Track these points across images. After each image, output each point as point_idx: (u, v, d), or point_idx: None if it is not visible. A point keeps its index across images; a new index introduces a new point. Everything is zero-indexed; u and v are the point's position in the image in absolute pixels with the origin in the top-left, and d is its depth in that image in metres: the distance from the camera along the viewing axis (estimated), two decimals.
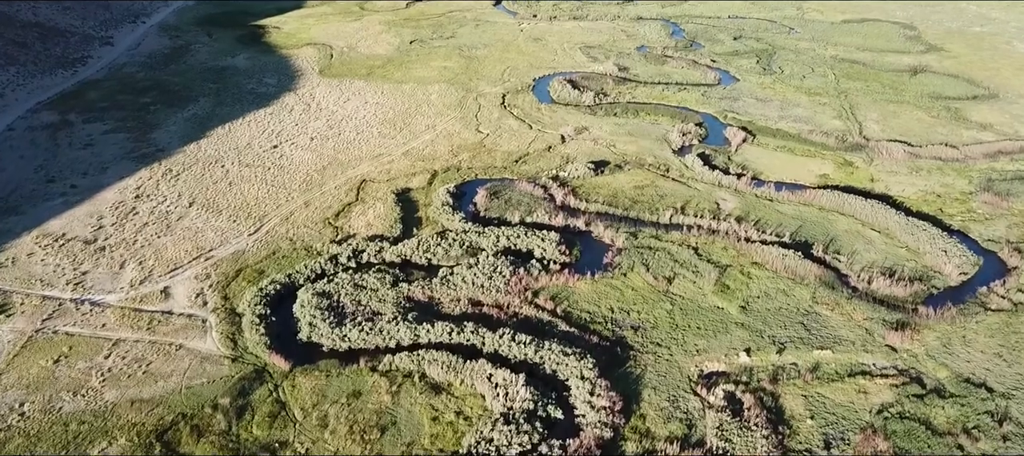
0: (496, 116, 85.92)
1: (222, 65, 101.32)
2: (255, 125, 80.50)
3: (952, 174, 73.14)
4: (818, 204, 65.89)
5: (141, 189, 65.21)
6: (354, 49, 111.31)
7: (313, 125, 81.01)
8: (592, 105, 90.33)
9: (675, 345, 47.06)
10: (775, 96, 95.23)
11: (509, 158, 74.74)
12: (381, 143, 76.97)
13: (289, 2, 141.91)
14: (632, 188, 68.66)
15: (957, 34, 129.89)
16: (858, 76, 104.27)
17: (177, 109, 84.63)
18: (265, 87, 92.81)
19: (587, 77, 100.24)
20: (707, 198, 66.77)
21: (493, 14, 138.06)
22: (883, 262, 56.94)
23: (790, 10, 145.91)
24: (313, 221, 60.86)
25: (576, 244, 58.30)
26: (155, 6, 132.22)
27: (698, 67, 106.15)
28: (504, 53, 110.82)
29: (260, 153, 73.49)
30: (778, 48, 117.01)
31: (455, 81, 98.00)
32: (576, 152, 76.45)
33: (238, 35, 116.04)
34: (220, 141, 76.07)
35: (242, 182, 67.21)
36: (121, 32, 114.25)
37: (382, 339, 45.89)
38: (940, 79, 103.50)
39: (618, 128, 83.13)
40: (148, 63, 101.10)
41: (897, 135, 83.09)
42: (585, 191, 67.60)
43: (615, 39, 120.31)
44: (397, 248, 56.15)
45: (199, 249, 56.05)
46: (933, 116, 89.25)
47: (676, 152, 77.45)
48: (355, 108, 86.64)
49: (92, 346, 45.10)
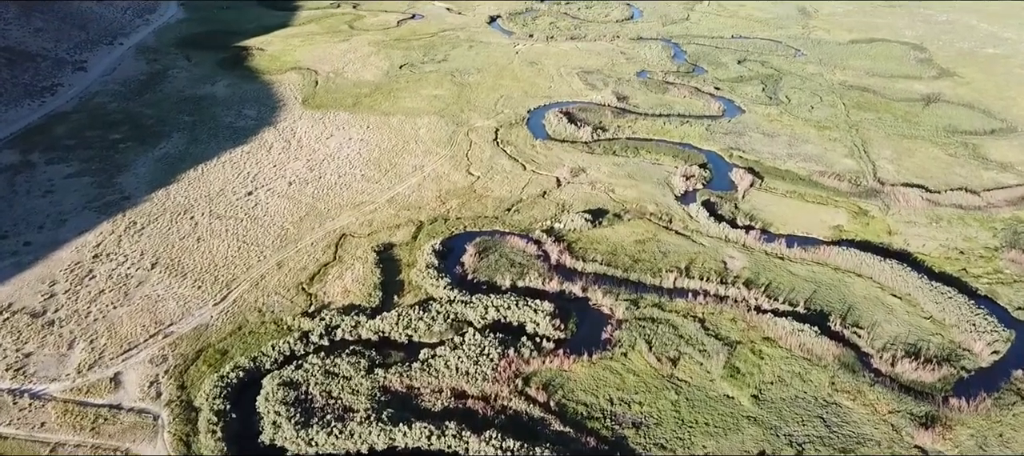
0: (488, 155, 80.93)
1: (200, 94, 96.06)
2: (230, 167, 75.40)
3: (974, 224, 68.41)
4: (833, 264, 61.07)
5: (101, 246, 60.11)
6: (340, 74, 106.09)
7: (292, 166, 75.94)
8: (590, 141, 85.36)
9: (681, 447, 42.21)
10: (783, 130, 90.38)
11: (501, 206, 69.79)
12: (364, 188, 71.95)
13: (275, 20, 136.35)
14: (632, 243, 63.81)
15: (969, 57, 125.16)
16: (869, 106, 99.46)
17: (148, 147, 79.44)
18: (244, 120, 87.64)
19: (585, 108, 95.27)
20: (713, 255, 61.93)
21: (487, 34, 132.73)
22: (907, 336, 52.19)
23: (795, 28, 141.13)
24: (286, 286, 55.86)
25: (572, 316, 53.41)
26: (135, 24, 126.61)
27: (701, 96, 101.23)
28: (498, 79, 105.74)
29: (233, 201, 68.42)
30: (784, 73, 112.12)
31: (446, 112, 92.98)
32: (572, 198, 71.55)
33: (219, 58, 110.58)
34: (191, 186, 70.98)
35: (211, 237, 62.17)
36: (96, 55, 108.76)
37: (353, 443, 40.96)
38: (955, 110, 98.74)
39: (617, 169, 78.22)
40: (122, 92, 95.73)
41: (913, 176, 78.37)
42: (582, 247, 62.72)
43: (614, 63, 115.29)
44: (375, 322, 51.14)
45: (158, 323, 51.02)
46: (950, 154, 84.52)
47: (679, 198, 72.58)
48: (338, 145, 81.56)
49: (27, 453, 40.13)
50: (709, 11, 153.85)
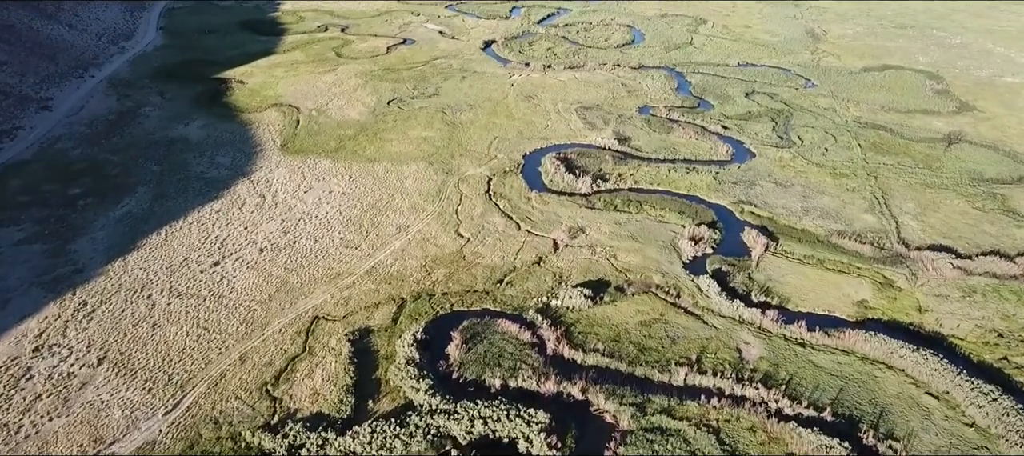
0: (479, 211, 74.69)
1: (172, 136, 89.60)
2: (197, 229, 69.07)
3: (1011, 299, 62.33)
4: (861, 352, 54.94)
5: (44, 336, 53.76)
6: (324, 112, 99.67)
7: (265, 229, 69.64)
8: (589, 193, 79.20)
9: None
10: (796, 177, 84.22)
11: (492, 276, 63.57)
12: (342, 256, 65.69)
13: (259, 46, 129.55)
14: (637, 325, 57.61)
15: (987, 87, 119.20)
16: (887, 148, 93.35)
17: (110, 204, 73.06)
18: (216, 169, 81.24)
19: (584, 153, 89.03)
20: (727, 342, 55.77)
21: (481, 62, 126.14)
22: (948, 450, 46.13)
23: (804, 53, 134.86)
24: (248, 388, 49.55)
25: (570, 428, 47.18)
26: (109, 53, 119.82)
27: (708, 136, 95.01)
28: (492, 118, 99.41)
29: (197, 274, 62.14)
30: (795, 108, 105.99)
31: (436, 157, 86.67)
32: (570, 266, 65.38)
33: (196, 93, 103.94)
34: (152, 255, 64.66)
35: (169, 322, 55.88)
36: (64, 91, 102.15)
37: None
38: (978, 152, 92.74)
39: (619, 228, 72.04)
40: (87, 135, 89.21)
41: (940, 236, 72.30)
42: (581, 331, 56.52)
43: (615, 96, 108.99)
44: (345, 440, 44.92)
45: (98, 440, 44.73)
46: (977, 207, 78.45)
47: (687, 266, 66.47)
48: (316, 201, 75.26)
49: None
50: (713, 34, 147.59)
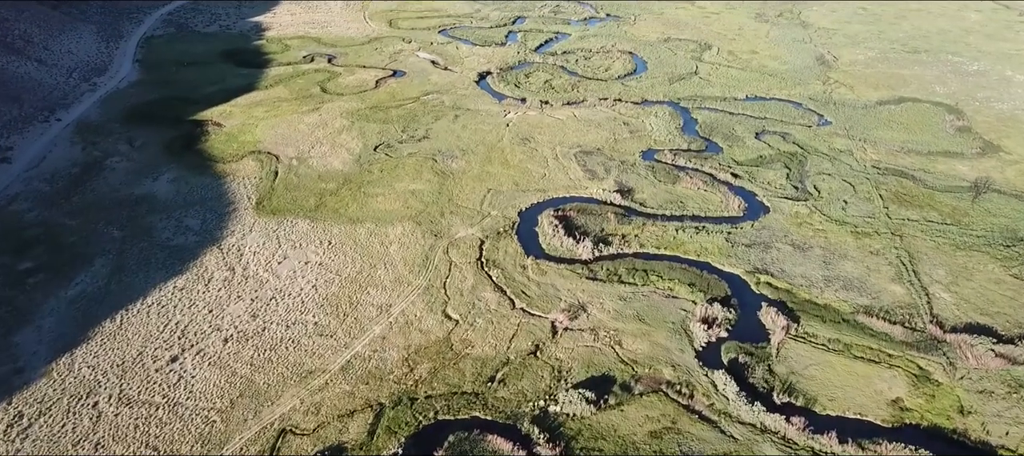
0: (470, 284, 68.01)
1: (138, 194, 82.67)
2: (156, 313, 62.32)
3: None
4: None
5: None
6: (305, 161, 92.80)
7: (232, 311, 62.90)
8: (590, 260, 72.54)
9: None
10: (815, 237, 77.53)
11: (482, 372, 56.83)
12: (316, 347, 58.96)
13: (240, 80, 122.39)
14: (646, 437, 50.93)
15: (1011, 122, 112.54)
16: (910, 199, 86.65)
17: (63, 281, 66.30)
18: (183, 235, 74.41)
19: (584, 209, 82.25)
20: None
21: (475, 97, 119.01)
22: None
23: (815, 84, 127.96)
24: None
25: None
26: (79, 91, 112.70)
27: (717, 186, 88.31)
28: (486, 166, 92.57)
29: (152, 373, 55.38)
30: (809, 151, 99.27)
31: (424, 216, 79.89)
32: (570, 358, 58.71)
33: (168, 139, 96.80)
34: (104, 349, 57.89)
35: (114, 441, 49.09)
36: (26, 138, 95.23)
37: None
38: (1008, 204, 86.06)
39: (624, 305, 65.39)
40: (46, 193, 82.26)
41: (976, 313, 65.67)
42: (583, 447, 49.80)
43: (617, 138, 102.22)
44: None
45: None
46: (1013, 275, 71.82)
47: (700, 354, 59.88)
48: (291, 274, 68.54)
49: None
50: (719, 61, 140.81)
